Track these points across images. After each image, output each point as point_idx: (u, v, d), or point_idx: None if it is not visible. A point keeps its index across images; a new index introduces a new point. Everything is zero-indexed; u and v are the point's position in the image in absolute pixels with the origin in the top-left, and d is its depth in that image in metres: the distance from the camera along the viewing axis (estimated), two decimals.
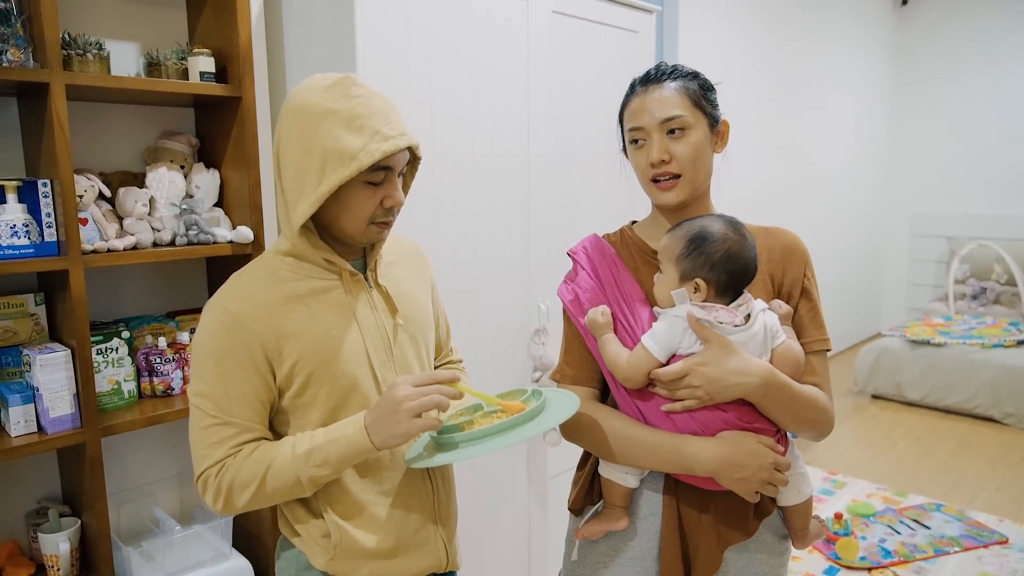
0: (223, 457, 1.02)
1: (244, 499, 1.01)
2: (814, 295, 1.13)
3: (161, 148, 1.75)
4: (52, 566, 1.56)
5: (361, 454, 1.00)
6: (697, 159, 1.07)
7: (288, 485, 1.00)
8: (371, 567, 1.08)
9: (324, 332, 1.04)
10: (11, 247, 1.43)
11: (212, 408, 1.01)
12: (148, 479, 1.84)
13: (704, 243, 1.02)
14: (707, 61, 3.98)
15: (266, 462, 1.00)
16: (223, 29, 1.70)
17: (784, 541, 1.15)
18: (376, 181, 1.02)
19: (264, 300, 1.03)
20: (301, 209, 1.00)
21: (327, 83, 1.01)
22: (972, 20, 5.77)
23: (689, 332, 1.01)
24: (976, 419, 4.39)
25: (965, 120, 5.88)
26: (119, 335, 1.64)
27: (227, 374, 1.01)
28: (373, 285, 1.13)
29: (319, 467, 0.99)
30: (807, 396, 1.05)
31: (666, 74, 1.09)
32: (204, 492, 1.03)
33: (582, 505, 1.17)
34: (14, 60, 1.41)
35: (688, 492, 1.07)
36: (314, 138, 0.98)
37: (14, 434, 1.47)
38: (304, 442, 1.00)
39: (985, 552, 2.77)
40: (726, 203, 1.54)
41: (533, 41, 1.97)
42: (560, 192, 2.11)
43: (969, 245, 5.58)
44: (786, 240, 1.15)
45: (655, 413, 1.04)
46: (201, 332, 1.04)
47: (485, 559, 2.03)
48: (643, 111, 1.08)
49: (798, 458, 1.11)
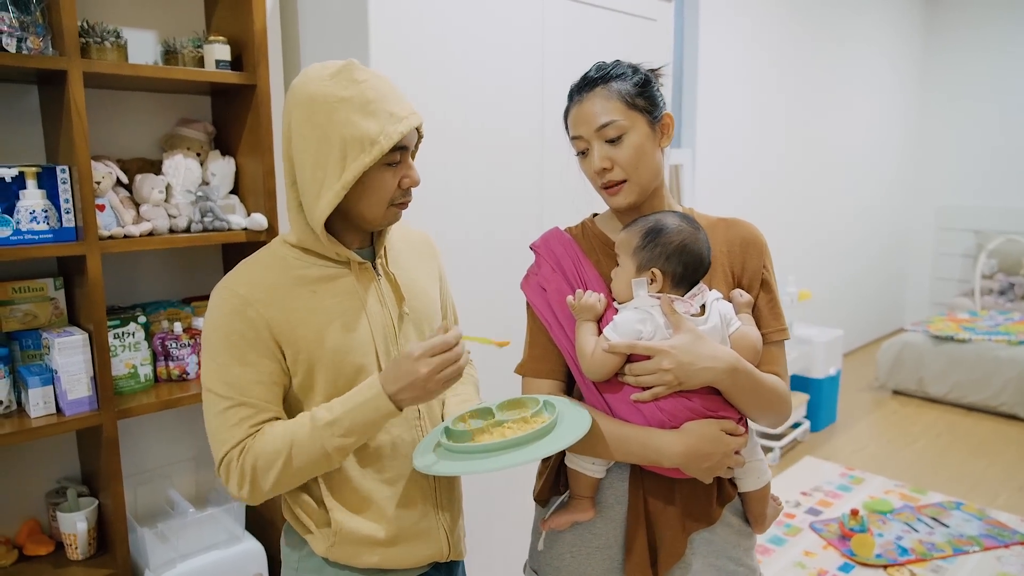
0: (243, 438, 0.99)
1: (270, 480, 0.98)
2: (772, 286, 1.14)
3: (178, 135, 1.76)
4: (70, 544, 1.59)
5: (384, 419, 1.00)
6: (639, 161, 1.06)
7: (315, 459, 0.99)
8: (371, 555, 1.09)
9: (331, 320, 1.05)
10: (31, 232, 1.46)
11: (226, 390, 1.00)
12: (164, 461, 1.88)
13: (659, 235, 1.03)
14: (730, 51, 3.93)
15: (288, 438, 0.98)
16: (239, 17, 1.71)
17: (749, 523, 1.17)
18: (394, 162, 1.03)
19: (272, 285, 1.04)
20: (326, 200, 0.99)
21: (331, 71, 1.00)
22: (1002, 10, 5.61)
23: (649, 322, 1.02)
24: (1000, 417, 4.31)
25: (994, 111, 5.74)
26: (136, 320, 1.66)
27: (240, 355, 1.00)
28: (381, 273, 1.13)
29: (344, 436, 0.98)
30: (769, 383, 1.06)
31: (599, 79, 1.07)
32: (228, 479, 1.00)
33: (548, 496, 1.17)
34: (33, 48, 1.43)
35: (653, 481, 1.07)
36: (330, 127, 0.98)
37: (34, 415, 1.50)
38: (323, 414, 0.99)
39: (1006, 552, 2.72)
40: (747, 192, 1.51)
41: (548, 29, 1.95)
42: (574, 178, 2.10)
43: (998, 239, 5.46)
44: (745, 233, 1.15)
45: (621, 404, 1.04)
46: (211, 316, 1.03)
47: (494, 550, 2.04)
48: (580, 120, 1.08)
49: (756, 445, 1.14)
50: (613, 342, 1.01)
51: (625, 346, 1.01)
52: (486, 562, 2.02)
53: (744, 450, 1.07)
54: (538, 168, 1.99)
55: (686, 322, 1.02)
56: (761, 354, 1.08)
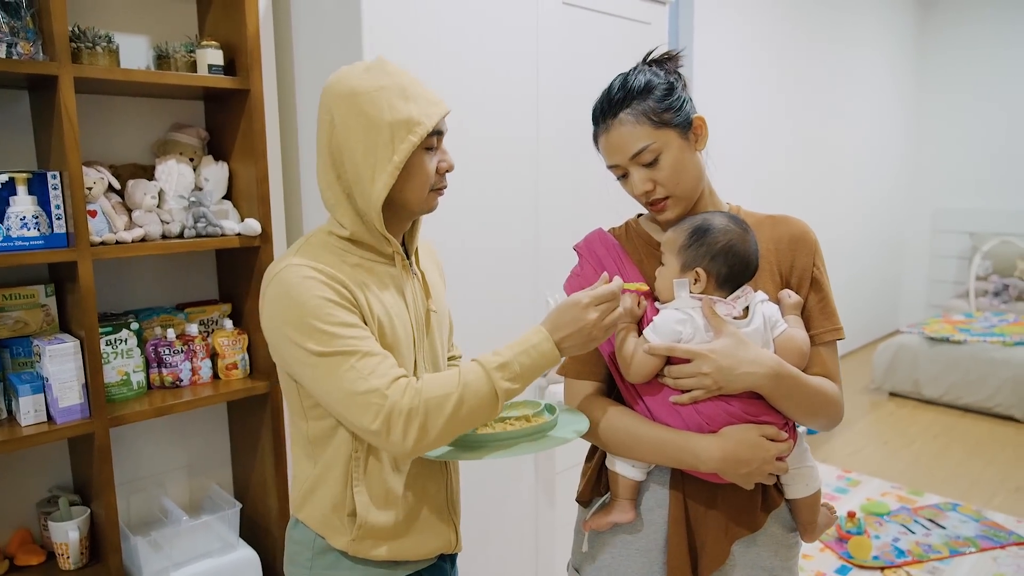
0: (397, 376, 0.96)
1: (439, 424, 0.95)
2: (824, 285, 1.12)
3: (170, 141, 1.75)
4: (62, 554, 1.58)
5: (548, 366, 1.01)
6: (680, 176, 1.05)
7: (484, 403, 0.97)
8: (388, 547, 1.10)
9: (386, 308, 1.07)
10: (21, 238, 1.45)
11: (348, 344, 0.96)
12: (157, 469, 1.86)
13: (706, 234, 1.03)
14: (724, 53, 3.93)
15: (457, 380, 0.97)
16: (232, 22, 1.71)
17: (793, 534, 1.14)
18: (432, 147, 1.07)
19: (336, 266, 1.04)
20: (381, 182, 1.02)
21: (364, 67, 1.06)
22: (996, 13, 5.64)
23: (688, 323, 1.01)
24: (996, 418, 4.31)
25: (989, 114, 5.76)
26: (128, 326, 1.65)
27: (346, 312, 0.98)
28: (417, 270, 1.17)
29: (512, 380, 0.98)
30: (816, 387, 1.04)
31: (618, 102, 1.05)
32: (390, 429, 0.94)
33: (590, 497, 1.18)
34: (24, 53, 1.42)
35: (695, 485, 1.06)
36: (375, 114, 1.01)
37: (24, 423, 1.48)
38: (491, 358, 0.99)
39: (1002, 553, 2.72)
40: (744, 196, 1.52)
41: (543, 33, 1.95)
42: (570, 185, 2.10)
43: (992, 241, 5.47)
44: (794, 230, 1.13)
45: (660, 406, 1.04)
46: (294, 293, 0.98)
47: (491, 551, 2.03)
48: (612, 150, 1.07)
49: (806, 451, 1.11)
50: (652, 344, 1.01)
51: (664, 348, 1.00)
52: (481, 558, 2.01)
53: (791, 456, 1.05)
54: (533, 173, 1.99)
55: (727, 325, 1.00)
56: (809, 356, 1.06)
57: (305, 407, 1.09)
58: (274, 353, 1.06)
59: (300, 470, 1.14)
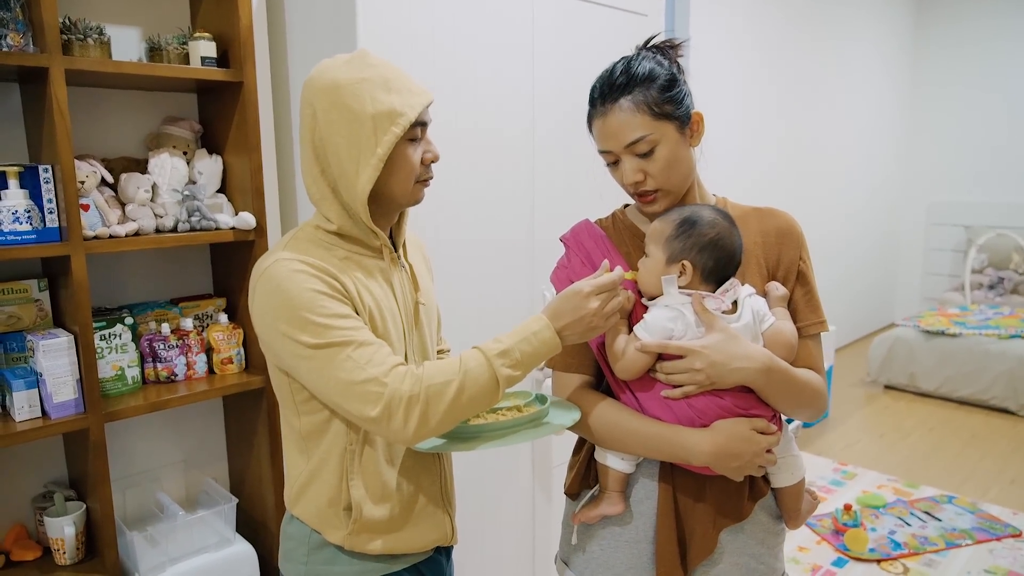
0: (395, 364, 0.96)
1: (440, 410, 0.94)
2: (810, 278, 1.12)
3: (163, 134, 1.74)
4: (58, 549, 1.57)
5: (549, 354, 1.01)
6: (672, 169, 1.05)
7: (485, 390, 0.97)
8: (385, 540, 1.10)
9: (375, 300, 1.06)
10: (13, 233, 1.44)
11: (343, 335, 0.95)
12: (153, 464, 1.86)
13: (694, 227, 1.02)
14: (719, 44, 3.92)
15: (458, 367, 0.96)
16: (225, 13, 1.69)
17: (780, 522, 1.15)
18: (416, 137, 1.06)
19: (325, 260, 1.03)
20: (365, 175, 1.01)
21: (344, 59, 1.05)
22: (990, 6, 5.64)
23: (680, 320, 1.01)
24: (991, 410, 4.33)
25: (984, 107, 5.77)
26: (122, 321, 1.64)
27: (338, 303, 0.98)
28: (405, 263, 1.16)
29: (513, 367, 0.98)
30: (804, 380, 1.05)
31: (619, 87, 1.03)
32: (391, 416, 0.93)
33: (578, 489, 1.17)
34: (13, 45, 1.40)
35: (683, 477, 1.07)
36: (358, 106, 1.00)
37: (19, 419, 1.48)
38: (492, 345, 0.99)
39: (998, 545, 2.74)
40: (739, 190, 1.51)
41: (539, 25, 1.94)
42: (566, 178, 2.09)
43: (987, 234, 5.49)
44: (781, 223, 1.13)
45: (651, 401, 1.04)
46: (284, 287, 0.97)
47: (487, 545, 2.03)
48: (606, 135, 1.05)
49: (791, 440, 1.12)
50: (644, 341, 1.00)
51: (656, 346, 1.00)
52: (478, 552, 2.00)
53: (777, 447, 1.05)
54: (529, 166, 1.98)
55: (718, 321, 1.00)
56: (797, 349, 1.07)
57: (297, 402, 1.08)
58: (266, 349, 1.05)
59: (294, 465, 1.13)
